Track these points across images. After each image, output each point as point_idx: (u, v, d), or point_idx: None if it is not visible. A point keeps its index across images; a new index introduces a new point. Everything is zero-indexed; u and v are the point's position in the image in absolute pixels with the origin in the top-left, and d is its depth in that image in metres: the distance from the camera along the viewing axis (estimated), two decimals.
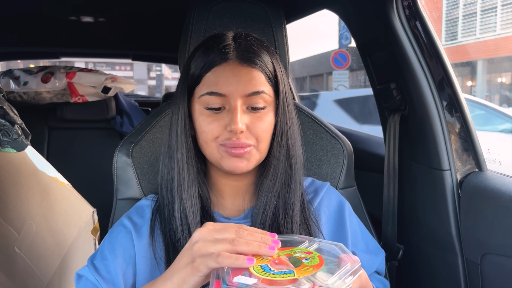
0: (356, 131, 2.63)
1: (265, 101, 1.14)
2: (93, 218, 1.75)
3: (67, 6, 2.41)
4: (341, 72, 20.04)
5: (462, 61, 14.97)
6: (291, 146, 1.19)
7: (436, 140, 1.61)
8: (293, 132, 1.20)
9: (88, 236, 1.74)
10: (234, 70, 1.12)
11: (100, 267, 1.14)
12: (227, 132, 1.11)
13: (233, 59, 1.13)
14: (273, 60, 1.18)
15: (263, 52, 1.16)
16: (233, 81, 1.11)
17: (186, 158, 1.17)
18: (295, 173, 1.20)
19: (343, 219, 1.28)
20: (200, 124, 1.14)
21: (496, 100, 17.39)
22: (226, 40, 1.16)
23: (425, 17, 1.60)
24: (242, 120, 1.09)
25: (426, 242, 1.72)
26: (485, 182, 1.53)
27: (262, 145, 1.14)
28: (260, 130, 1.13)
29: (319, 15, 2.22)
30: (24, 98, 3.18)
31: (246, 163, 1.14)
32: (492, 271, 1.47)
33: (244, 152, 1.12)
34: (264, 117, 1.14)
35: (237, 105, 1.10)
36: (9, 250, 1.82)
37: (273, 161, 1.18)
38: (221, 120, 1.12)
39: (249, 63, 1.13)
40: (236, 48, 1.14)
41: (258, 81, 1.13)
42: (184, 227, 1.15)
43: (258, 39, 1.20)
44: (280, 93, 1.17)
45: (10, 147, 1.75)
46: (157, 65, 30.25)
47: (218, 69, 1.12)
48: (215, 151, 1.14)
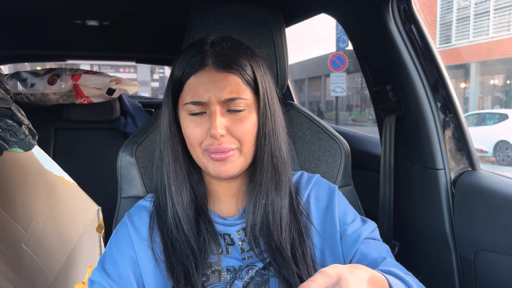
0: (353, 132, 2.64)
1: (244, 104, 1.14)
2: (98, 216, 1.75)
3: (73, 11, 2.43)
4: (338, 74, 19.98)
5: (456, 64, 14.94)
6: (275, 145, 1.19)
7: (430, 140, 1.63)
8: (277, 132, 1.20)
9: (93, 234, 1.75)
10: (210, 77, 1.12)
11: (111, 271, 1.16)
12: (209, 137, 1.12)
13: (210, 65, 1.13)
14: (252, 63, 1.17)
15: (240, 56, 1.15)
16: (210, 87, 1.11)
17: (174, 162, 1.19)
18: (282, 172, 1.21)
19: (332, 203, 1.27)
20: (185, 129, 1.16)
21: (488, 101, 17.32)
22: (204, 46, 1.16)
23: (420, 21, 1.62)
24: (221, 124, 1.11)
25: (421, 239, 1.73)
26: (478, 181, 1.55)
27: (245, 147, 1.15)
28: (241, 133, 1.13)
29: (317, 19, 2.23)
30: (31, 99, 3.19)
31: (230, 166, 1.15)
32: (484, 267, 1.49)
33: (226, 157, 1.13)
34: (244, 119, 1.14)
35: (216, 110, 1.11)
36: (17, 247, 1.83)
37: (259, 162, 1.19)
38: (203, 125, 1.13)
39: (225, 69, 1.13)
40: (212, 54, 1.14)
41: (234, 87, 1.12)
42: (179, 227, 1.17)
43: (236, 42, 1.19)
44: (261, 95, 1.17)
45: (17, 147, 1.76)
46: (160, 68, 30.20)
47: (197, 76, 1.13)
48: (201, 155, 1.16)
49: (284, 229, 1.18)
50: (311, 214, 1.26)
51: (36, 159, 1.78)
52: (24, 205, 1.84)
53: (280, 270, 1.15)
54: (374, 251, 1.21)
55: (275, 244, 1.16)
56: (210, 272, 1.18)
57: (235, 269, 1.19)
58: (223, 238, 1.22)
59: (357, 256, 1.22)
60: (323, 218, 1.27)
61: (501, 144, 11.20)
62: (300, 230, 1.21)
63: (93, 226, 1.76)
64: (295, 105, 1.65)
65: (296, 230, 1.20)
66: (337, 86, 20.67)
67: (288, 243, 1.17)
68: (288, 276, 1.13)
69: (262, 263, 1.18)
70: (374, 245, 1.24)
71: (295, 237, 1.19)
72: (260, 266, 1.18)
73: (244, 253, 1.21)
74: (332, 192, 1.30)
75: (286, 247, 1.16)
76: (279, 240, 1.17)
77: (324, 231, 1.25)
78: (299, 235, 1.19)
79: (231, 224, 1.23)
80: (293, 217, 1.22)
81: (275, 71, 1.55)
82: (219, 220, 1.24)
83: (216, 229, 1.22)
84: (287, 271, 1.13)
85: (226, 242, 1.22)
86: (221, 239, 1.22)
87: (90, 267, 1.70)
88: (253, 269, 1.17)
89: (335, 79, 20.58)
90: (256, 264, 1.18)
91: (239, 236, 1.22)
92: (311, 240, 1.22)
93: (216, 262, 1.19)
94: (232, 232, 1.23)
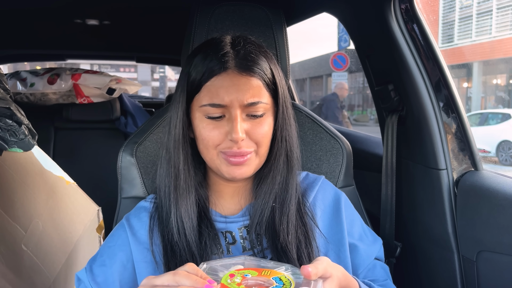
0: (355, 131, 2.63)
1: (264, 108, 1.14)
2: (98, 216, 1.75)
3: (73, 10, 2.43)
4: (340, 74, 19.97)
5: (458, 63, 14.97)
6: (290, 150, 1.21)
7: (433, 140, 1.61)
8: (292, 135, 1.21)
9: (93, 234, 1.75)
10: (233, 80, 1.11)
11: (98, 273, 1.15)
12: (228, 140, 1.11)
13: (232, 68, 1.12)
14: (272, 66, 1.17)
15: (261, 59, 1.15)
16: (232, 90, 1.10)
17: (183, 163, 1.17)
18: (293, 175, 1.22)
19: (339, 211, 1.29)
20: (201, 131, 1.14)
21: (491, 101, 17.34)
22: (224, 48, 1.14)
23: (422, 20, 1.61)
24: (242, 128, 1.10)
25: (423, 239, 1.72)
26: (481, 181, 1.54)
27: (261, 149, 1.15)
28: (260, 136, 1.13)
29: (319, 18, 2.23)
30: (31, 99, 3.19)
31: (246, 169, 1.15)
32: (487, 268, 1.48)
33: (244, 161, 1.13)
34: (263, 122, 1.14)
35: (237, 114, 1.10)
36: (16, 247, 1.83)
37: (273, 164, 1.20)
38: (221, 128, 1.12)
39: (247, 72, 1.12)
40: (235, 57, 1.13)
41: (257, 90, 1.12)
42: (181, 231, 1.16)
43: (256, 45, 1.19)
44: (280, 99, 1.18)
45: (17, 147, 1.76)
46: (161, 67, 30.19)
47: (217, 78, 1.11)
48: (215, 157, 1.15)
49: (290, 231, 1.18)
50: (316, 216, 1.27)
51: (35, 159, 1.78)
52: (23, 206, 1.83)
53: None
54: (378, 273, 1.27)
55: (280, 246, 1.16)
56: None
57: None
58: (224, 237, 1.21)
59: (363, 273, 1.28)
60: (328, 223, 1.28)
61: (504, 144, 11.21)
62: (307, 232, 1.21)
63: (93, 226, 1.76)
64: (297, 105, 1.64)
65: (303, 233, 1.20)
66: None
67: (294, 246, 1.17)
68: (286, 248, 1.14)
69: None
70: (379, 266, 1.30)
71: (301, 240, 1.18)
72: None
73: (245, 252, 1.20)
74: (339, 198, 1.31)
75: (292, 250, 1.15)
76: (284, 241, 1.16)
77: (330, 236, 1.25)
78: (305, 238, 1.19)
79: (232, 222, 1.23)
80: (299, 220, 1.22)
81: None
82: (220, 218, 1.23)
83: (217, 227, 1.21)
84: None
85: (227, 241, 1.21)
86: (222, 238, 1.21)
87: None
88: None
89: (336, 78, 20.58)
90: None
91: (240, 234, 1.22)
92: (315, 242, 1.22)
93: None
94: (233, 229, 1.22)
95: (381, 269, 1.32)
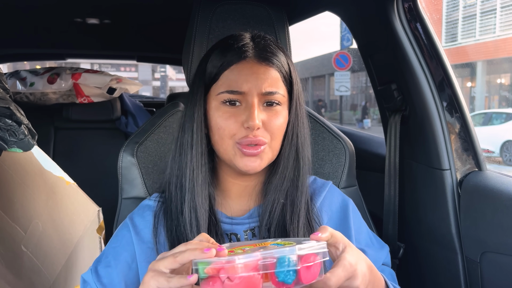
0: (358, 131, 2.63)
1: (280, 100, 1.15)
2: (99, 217, 1.74)
3: (73, 8, 2.42)
4: (342, 73, 20.01)
5: (462, 62, 14.97)
6: (301, 147, 1.20)
7: (436, 140, 1.61)
8: (303, 133, 1.21)
9: (93, 235, 1.74)
10: (252, 68, 1.13)
11: (103, 274, 1.14)
12: (244, 129, 1.11)
13: (252, 57, 1.14)
14: (289, 61, 1.20)
15: (279, 52, 1.18)
16: (251, 78, 1.12)
17: (201, 154, 1.17)
18: (303, 173, 1.21)
19: (347, 218, 1.28)
20: (217, 120, 1.14)
21: (495, 100, 17.35)
22: (244, 40, 1.18)
23: (426, 19, 1.61)
24: (259, 116, 1.10)
25: (426, 240, 1.72)
26: (485, 181, 1.54)
27: (275, 142, 1.15)
28: (275, 127, 1.14)
29: (321, 17, 2.22)
30: (31, 98, 3.19)
31: (259, 162, 1.14)
32: (491, 269, 1.47)
33: (258, 152, 1.12)
34: (279, 114, 1.15)
35: (254, 102, 1.11)
36: (16, 248, 1.82)
37: (283, 160, 1.19)
38: (237, 116, 1.12)
39: (267, 62, 1.15)
40: (254, 47, 1.16)
41: (275, 80, 1.14)
42: (193, 223, 1.14)
43: (275, 40, 1.22)
44: (294, 93, 1.19)
45: (16, 147, 1.75)
46: (162, 66, 30.21)
47: (236, 67, 1.14)
48: (230, 147, 1.14)
49: (300, 230, 1.18)
50: (323, 222, 1.26)
51: (35, 159, 1.77)
52: (23, 206, 1.83)
53: None
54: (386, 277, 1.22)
55: None
56: None
57: None
58: (229, 239, 1.20)
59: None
60: (335, 229, 1.25)
61: (508, 144, 11.20)
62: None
63: (94, 227, 1.75)
64: None
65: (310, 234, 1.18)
66: (341, 85, 20.75)
67: None
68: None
69: None
70: (387, 272, 1.29)
71: None
72: None
73: None
74: (346, 205, 1.31)
75: None
76: None
77: None
78: None
79: (238, 223, 1.22)
80: (307, 223, 1.21)
81: None
82: (225, 219, 1.22)
83: (222, 228, 1.20)
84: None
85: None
86: (227, 240, 1.20)
87: None
88: None
89: (339, 78, 20.66)
90: None
91: (246, 237, 1.21)
92: None
93: None
94: (239, 231, 1.21)
95: (389, 275, 1.31)
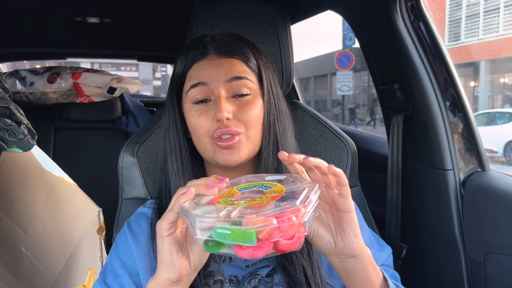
0: (360, 131, 2.62)
1: (249, 88, 1.15)
2: (99, 217, 1.74)
3: (73, 7, 2.42)
4: (345, 73, 20.01)
5: (465, 62, 14.94)
6: (280, 135, 1.19)
7: (439, 140, 1.61)
8: (282, 122, 1.20)
9: (94, 236, 1.74)
10: (213, 62, 1.15)
11: (113, 283, 1.13)
12: (215, 122, 1.11)
13: (212, 53, 1.16)
14: (253, 51, 1.20)
15: (240, 44, 1.19)
16: (213, 70, 1.14)
17: (181, 160, 1.17)
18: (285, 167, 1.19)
19: None
20: (190, 120, 1.15)
21: (498, 100, 17.33)
22: (204, 39, 1.20)
23: (429, 18, 1.60)
24: (226, 108, 1.10)
25: (429, 241, 1.71)
26: (488, 181, 1.53)
27: (251, 131, 1.14)
28: (248, 116, 1.13)
29: (323, 16, 2.21)
30: (30, 98, 3.18)
31: (238, 153, 1.12)
32: (495, 270, 1.47)
33: (233, 143, 1.11)
34: (251, 103, 1.14)
35: (221, 93, 1.11)
36: (16, 249, 1.82)
37: (264, 150, 1.18)
38: (208, 112, 1.12)
39: (227, 54, 1.16)
40: (213, 43, 1.18)
41: (239, 68, 1.15)
42: None
43: (235, 34, 1.23)
44: (264, 81, 1.18)
45: (16, 147, 1.75)
46: (163, 66, 30.31)
47: (197, 64, 1.16)
48: (209, 145, 1.14)
49: None
50: None
51: (35, 159, 1.77)
52: (23, 207, 1.83)
53: (288, 270, 1.11)
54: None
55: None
56: (212, 282, 1.14)
57: (238, 280, 1.15)
58: None
59: None
60: None
61: (511, 144, 11.16)
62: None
63: (94, 228, 1.75)
64: (301, 104, 1.62)
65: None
66: (344, 85, 20.76)
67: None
68: (294, 274, 1.11)
69: (265, 270, 1.15)
70: (389, 273, 1.24)
71: (303, 246, 1.15)
72: (263, 274, 1.15)
73: (248, 260, 1.17)
74: None
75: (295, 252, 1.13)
76: None
77: None
78: (306, 243, 1.16)
79: None
80: None
81: (280, 69, 1.53)
82: None
83: None
84: (294, 269, 1.11)
85: None
86: None
87: (90, 270, 1.69)
88: (255, 278, 1.14)
89: (341, 77, 20.66)
90: (259, 273, 1.15)
91: None
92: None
93: (218, 271, 1.15)
94: None
95: (391, 276, 1.28)
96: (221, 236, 0.76)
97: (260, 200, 0.81)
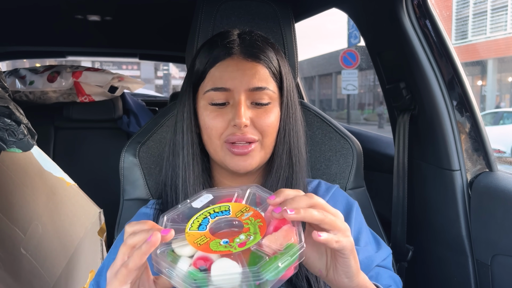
0: (365, 131, 2.62)
1: (270, 97, 1.13)
2: (100, 218, 1.74)
3: (73, 5, 2.41)
4: (350, 72, 20.01)
5: (472, 60, 14.96)
6: (294, 144, 1.18)
7: (446, 140, 1.60)
8: (297, 131, 1.19)
9: (94, 237, 1.73)
10: (238, 65, 1.12)
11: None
12: (231, 127, 1.09)
13: (238, 54, 1.13)
14: (278, 57, 1.18)
15: (267, 48, 1.16)
16: (237, 75, 1.10)
17: (192, 155, 1.15)
18: (298, 172, 1.19)
19: (349, 221, 1.24)
20: (204, 119, 1.13)
21: (506, 99, 17.36)
22: (231, 36, 1.16)
23: (435, 16, 1.59)
24: (246, 114, 1.08)
25: (435, 243, 1.71)
26: (496, 182, 1.52)
27: (267, 140, 1.13)
28: (265, 125, 1.12)
29: (328, 14, 2.21)
30: (30, 97, 3.18)
31: (250, 161, 1.12)
32: (502, 272, 1.46)
33: (248, 151, 1.10)
34: (269, 112, 1.13)
35: (241, 99, 1.09)
36: (15, 251, 1.82)
37: (276, 158, 1.17)
38: (225, 115, 1.11)
39: (253, 58, 1.13)
40: (240, 44, 1.14)
41: (263, 76, 1.12)
42: None
43: (263, 36, 1.20)
44: (284, 90, 1.16)
45: (16, 147, 1.75)
46: (165, 64, 30.41)
47: (222, 64, 1.12)
48: (219, 148, 1.13)
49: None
50: None
51: (35, 159, 1.77)
52: (23, 208, 1.83)
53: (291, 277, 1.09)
54: (384, 280, 1.18)
55: None
56: None
57: None
58: None
59: None
60: None
61: None
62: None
63: (95, 229, 1.75)
64: (305, 104, 1.61)
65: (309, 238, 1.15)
66: (349, 84, 20.75)
67: None
68: (296, 279, 1.09)
69: None
70: (386, 275, 1.22)
71: None
72: None
73: None
74: (350, 208, 1.27)
75: None
76: None
77: None
78: None
79: None
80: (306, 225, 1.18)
81: None
82: None
83: None
84: (297, 276, 1.09)
85: None
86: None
87: (91, 272, 1.69)
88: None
89: (346, 76, 20.65)
90: None
91: None
92: None
93: None
94: None
95: (389, 278, 1.24)
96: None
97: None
